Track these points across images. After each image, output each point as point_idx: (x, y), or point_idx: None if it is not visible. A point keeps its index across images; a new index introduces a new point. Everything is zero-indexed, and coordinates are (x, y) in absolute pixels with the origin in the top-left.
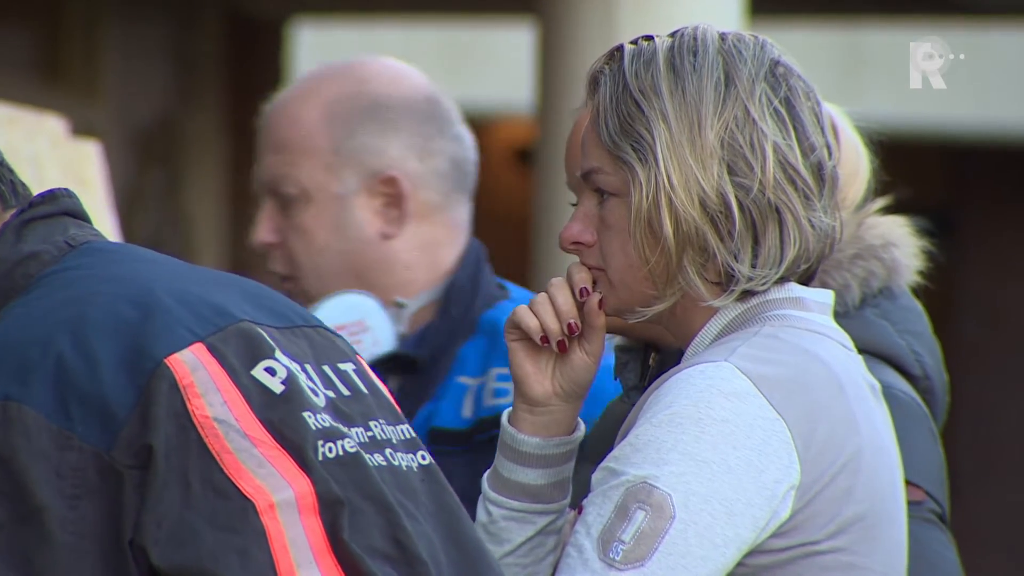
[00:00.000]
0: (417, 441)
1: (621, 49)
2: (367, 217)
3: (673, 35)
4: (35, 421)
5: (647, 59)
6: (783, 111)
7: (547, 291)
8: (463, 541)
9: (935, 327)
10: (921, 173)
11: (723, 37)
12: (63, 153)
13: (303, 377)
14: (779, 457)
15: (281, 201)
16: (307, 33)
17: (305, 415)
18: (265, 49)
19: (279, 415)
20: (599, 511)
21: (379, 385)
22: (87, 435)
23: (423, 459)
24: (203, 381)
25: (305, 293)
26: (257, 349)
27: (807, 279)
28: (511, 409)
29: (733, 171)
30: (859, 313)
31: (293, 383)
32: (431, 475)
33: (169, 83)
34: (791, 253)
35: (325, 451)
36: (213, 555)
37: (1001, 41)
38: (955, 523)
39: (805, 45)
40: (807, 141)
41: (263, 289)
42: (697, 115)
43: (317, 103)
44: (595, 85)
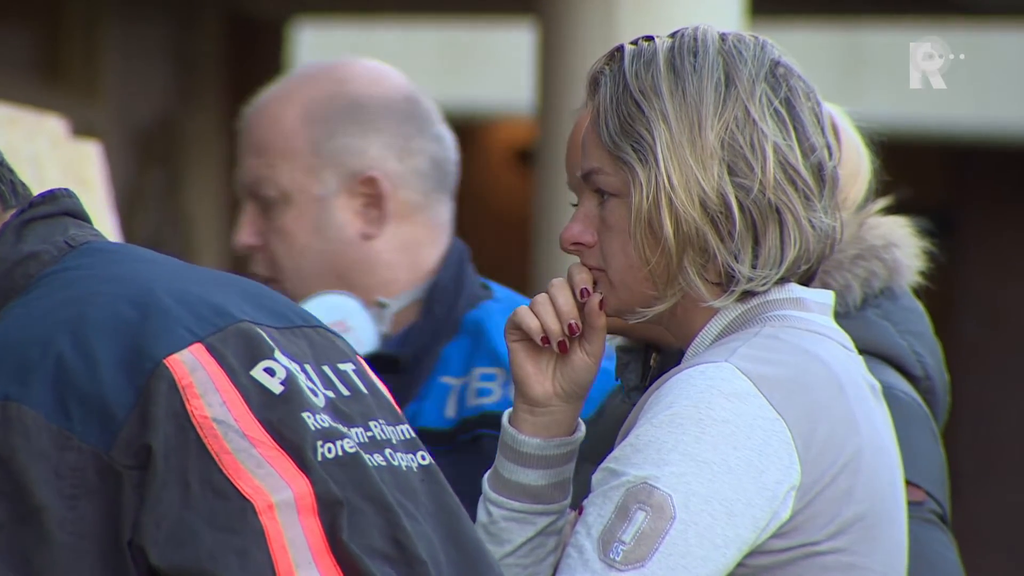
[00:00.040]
0: (417, 441)
1: (621, 49)
2: (347, 218)
3: (673, 35)
4: (34, 421)
5: (647, 59)
6: (783, 111)
7: (548, 291)
8: (463, 541)
9: (935, 327)
10: (921, 173)
11: (723, 37)
12: (63, 153)
13: (302, 377)
14: (779, 458)
15: (262, 203)
16: (307, 33)
17: (304, 415)
18: (265, 49)
19: (278, 415)
20: (599, 511)
21: (379, 385)
22: (86, 435)
23: (423, 459)
24: (202, 381)
25: (287, 295)
26: (256, 349)
27: (807, 279)
28: (511, 410)
29: (733, 171)
30: (860, 314)
31: (292, 383)
32: (431, 475)
33: (169, 83)
34: (791, 254)
35: (324, 451)
36: (212, 555)
37: (1001, 41)
38: (955, 523)
39: (805, 45)
40: (807, 141)
41: (263, 289)
42: (697, 115)
43: (297, 105)
44: (595, 85)
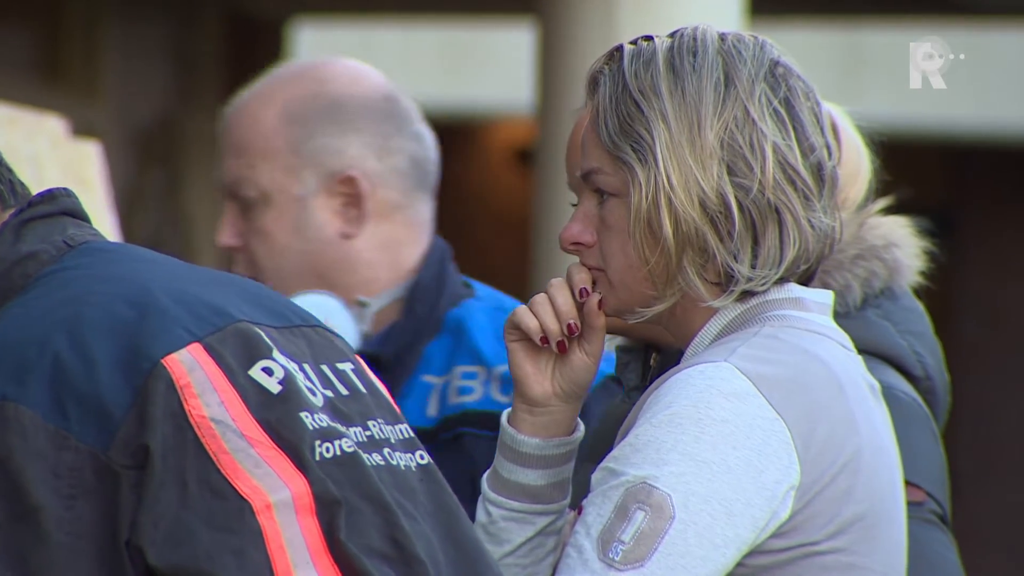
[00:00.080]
0: (415, 441)
1: (621, 49)
2: (327, 217)
3: (673, 35)
4: (32, 421)
5: (647, 59)
6: (783, 111)
7: (547, 291)
8: (461, 541)
9: (935, 327)
10: (921, 173)
11: (723, 37)
12: (63, 153)
13: (301, 377)
14: (779, 457)
15: (242, 204)
16: (307, 33)
17: (302, 415)
18: (265, 49)
19: (276, 415)
20: (599, 511)
21: (378, 385)
22: (84, 435)
23: (421, 459)
24: (200, 381)
25: None
26: (255, 349)
27: (807, 279)
28: (510, 410)
29: (733, 171)
30: (861, 314)
31: (290, 383)
32: (429, 475)
33: (169, 83)
34: (791, 253)
35: (322, 451)
36: (210, 555)
37: (1001, 41)
38: (955, 523)
39: (805, 45)
40: (807, 141)
41: (262, 289)
42: (697, 115)
43: (276, 105)
44: (595, 85)
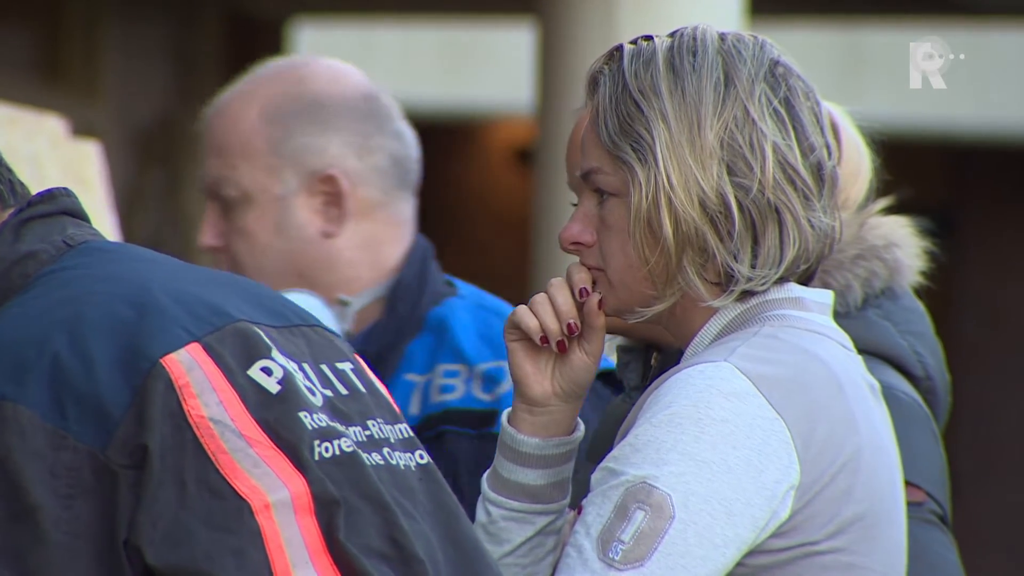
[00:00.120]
0: (415, 440)
1: (621, 49)
2: (307, 216)
3: (673, 35)
4: (30, 421)
5: (647, 59)
6: (783, 111)
7: (547, 291)
8: (461, 540)
9: (935, 327)
10: (921, 173)
11: (723, 37)
12: (63, 153)
13: (300, 376)
14: (779, 457)
15: (223, 204)
16: (307, 33)
17: (301, 415)
18: (265, 49)
19: (275, 415)
20: (598, 511)
21: (377, 384)
22: (82, 435)
23: (421, 458)
24: (199, 381)
25: None
26: (254, 349)
27: (807, 279)
28: (510, 409)
29: (732, 171)
30: (861, 314)
31: (289, 383)
32: (429, 474)
33: (169, 83)
34: (791, 253)
35: (321, 451)
36: (208, 555)
37: (1001, 41)
38: (955, 523)
39: (805, 45)
40: (806, 141)
41: (262, 288)
42: (696, 115)
43: (256, 105)
44: (595, 85)
